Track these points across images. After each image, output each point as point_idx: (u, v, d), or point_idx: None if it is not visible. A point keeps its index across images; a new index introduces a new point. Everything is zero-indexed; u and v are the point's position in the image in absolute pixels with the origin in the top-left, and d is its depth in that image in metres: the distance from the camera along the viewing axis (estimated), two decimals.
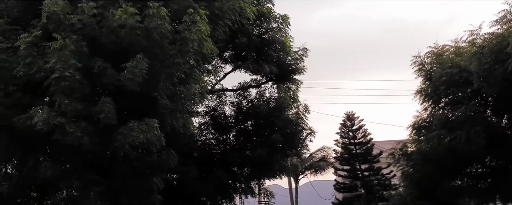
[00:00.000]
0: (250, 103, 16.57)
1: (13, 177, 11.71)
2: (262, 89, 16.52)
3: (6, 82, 9.66)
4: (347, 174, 25.54)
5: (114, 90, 9.88)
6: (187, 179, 14.92)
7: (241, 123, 16.48)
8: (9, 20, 9.96)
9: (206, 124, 16.62)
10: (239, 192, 17.64)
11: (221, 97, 16.81)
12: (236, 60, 15.47)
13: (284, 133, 15.40)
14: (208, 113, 16.65)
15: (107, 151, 11.77)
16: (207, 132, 16.68)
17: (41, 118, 8.92)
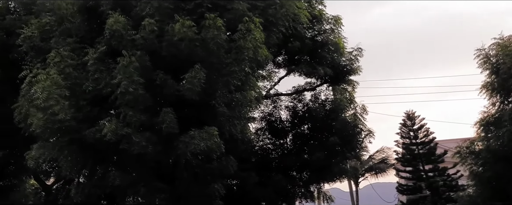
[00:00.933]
0: (306, 106, 16.49)
1: (85, 186, 12.40)
2: (317, 92, 16.41)
3: (77, 97, 10.26)
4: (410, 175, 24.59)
5: (175, 100, 10.23)
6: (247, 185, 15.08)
7: (297, 126, 16.44)
8: (78, 39, 10.59)
9: (263, 129, 16.74)
10: (298, 197, 17.56)
11: (276, 102, 16.88)
12: (289, 64, 15.48)
13: (342, 135, 15.17)
14: (264, 118, 16.77)
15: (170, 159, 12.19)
16: (264, 137, 16.79)
17: (109, 129, 9.38)
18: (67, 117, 9.76)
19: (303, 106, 16.65)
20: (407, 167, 24.71)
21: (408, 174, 24.63)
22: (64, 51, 10.40)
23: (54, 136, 10.67)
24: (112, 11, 10.20)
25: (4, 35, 12.98)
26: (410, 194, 24.66)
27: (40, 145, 11.06)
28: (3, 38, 12.96)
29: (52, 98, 9.91)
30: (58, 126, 9.99)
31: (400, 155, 25.25)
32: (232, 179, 15.37)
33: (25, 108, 10.77)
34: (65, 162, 11.12)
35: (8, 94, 13.78)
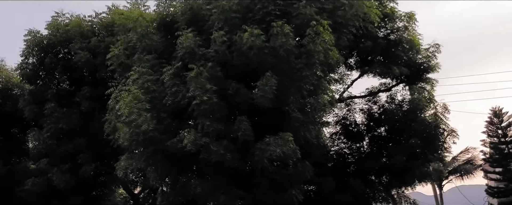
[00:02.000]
0: (382, 108, 15.93)
1: (170, 194, 12.98)
2: (393, 92, 15.77)
3: (158, 110, 10.82)
4: (500, 176, 22.75)
5: (249, 108, 10.41)
6: (324, 190, 14.87)
7: (374, 129, 15.92)
8: (156, 55, 11.20)
9: (338, 133, 16.43)
10: (378, 202, 16.95)
11: (350, 105, 16.49)
12: (362, 65, 15.06)
13: (422, 136, 14.42)
14: (338, 122, 16.46)
15: (247, 166, 12.40)
16: (339, 141, 16.47)
17: (189, 139, 9.77)
18: (150, 128, 10.30)
19: (378, 107, 16.10)
20: (496, 168, 22.93)
21: (498, 175, 22.83)
22: (143, 68, 11.05)
23: (139, 148, 11.30)
24: (186, 26, 10.67)
25: (90, 56, 14.10)
26: (501, 196, 22.83)
27: (127, 156, 11.83)
28: (90, 58, 14.08)
29: (134, 112, 10.54)
30: (142, 138, 10.57)
31: (487, 155, 23.50)
32: (309, 185, 15.24)
33: (112, 122, 11.55)
34: (150, 171, 11.76)
35: (97, 110, 14.98)
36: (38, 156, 16.02)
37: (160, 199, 13.59)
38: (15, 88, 17.52)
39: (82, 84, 14.89)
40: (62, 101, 15.11)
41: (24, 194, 16.30)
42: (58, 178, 15.11)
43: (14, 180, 16.70)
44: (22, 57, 15.01)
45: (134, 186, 17.72)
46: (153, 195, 17.60)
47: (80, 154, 15.13)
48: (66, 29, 14.73)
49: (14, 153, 17.42)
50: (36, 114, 15.27)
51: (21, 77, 15.50)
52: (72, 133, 15.06)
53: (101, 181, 18.69)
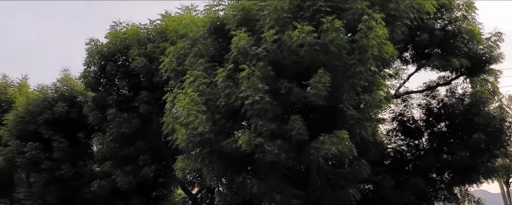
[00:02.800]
0: (441, 102, 15.22)
1: (227, 194, 13.21)
2: (453, 86, 15.01)
3: (212, 112, 11.05)
4: None
5: (302, 107, 10.36)
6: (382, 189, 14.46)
7: (433, 125, 15.25)
8: (208, 58, 11.45)
9: (395, 130, 15.90)
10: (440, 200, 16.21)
11: (407, 100, 15.89)
12: (418, 59, 14.44)
13: (486, 131, 13.63)
14: (395, 119, 15.92)
15: (302, 165, 12.34)
16: (397, 138, 15.93)
17: (243, 140, 9.88)
18: (206, 130, 10.53)
19: (437, 102, 15.39)
20: None
21: None
22: (197, 71, 11.32)
23: (196, 149, 11.58)
24: (237, 28, 10.81)
25: (147, 62, 14.67)
26: None
27: (184, 157, 12.18)
28: (147, 64, 14.65)
29: (191, 114, 10.82)
30: (199, 139, 10.83)
31: None
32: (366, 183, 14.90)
33: (170, 125, 11.93)
34: (207, 172, 12.03)
35: (155, 113, 15.57)
36: (102, 159, 16.91)
37: (218, 199, 13.86)
38: (79, 95, 18.64)
39: (140, 89, 15.53)
40: (123, 106, 15.84)
41: (91, 195, 17.28)
42: (122, 180, 15.86)
43: (81, 182, 17.75)
44: (84, 66, 15.94)
45: (192, 186, 18.20)
46: (210, 195, 17.99)
47: (140, 156, 15.79)
48: (123, 37, 15.44)
49: (81, 156, 18.49)
50: (99, 119, 16.12)
51: (84, 85, 16.44)
52: (133, 136, 15.75)
53: (161, 182, 19.43)
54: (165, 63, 12.55)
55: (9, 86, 20.94)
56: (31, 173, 18.23)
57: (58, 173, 17.23)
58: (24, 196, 18.09)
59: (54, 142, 17.22)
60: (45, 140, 17.44)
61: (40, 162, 17.18)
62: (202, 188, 17.58)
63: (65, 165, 17.35)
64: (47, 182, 17.79)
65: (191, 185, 18.35)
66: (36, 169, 17.61)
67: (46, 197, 17.85)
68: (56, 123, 17.69)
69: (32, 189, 18.33)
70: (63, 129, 17.88)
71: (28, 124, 17.39)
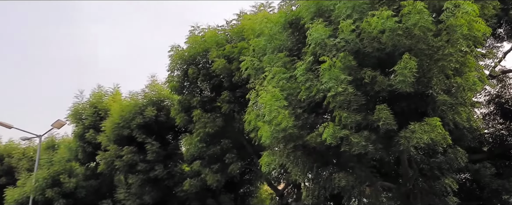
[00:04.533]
0: None
1: (314, 189, 13.13)
2: None
3: (294, 107, 11.01)
4: None
5: (388, 95, 9.93)
6: (482, 177, 13.48)
7: None
8: (286, 53, 11.43)
9: (492, 113, 14.71)
10: None
11: (504, 81, 14.61)
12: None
13: None
14: (491, 101, 14.74)
15: (391, 156, 11.87)
16: (495, 122, 14.72)
17: (328, 133, 9.71)
18: (289, 125, 10.53)
19: None
20: None
21: None
22: (276, 67, 11.35)
23: (280, 144, 11.64)
24: (312, 21, 10.66)
25: (226, 63, 15.05)
26: None
27: (269, 152, 12.30)
28: (226, 65, 15.03)
29: (273, 110, 10.88)
30: (282, 135, 10.86)
31: None
32: (463, 172, 13.98)
33: (253, 122, 12.12)
34: (292, 167, 12.04)
35: (237, 112, 15.95)
36: (191, 159, 17.68)
37: (305, 194, 13.83)
38: (166, 99, 19.68)
39: (221, 89, 15.98)
40: (206, 107, 16.43)
41: (183, 193, 18.15)
42: (211, 178, 16.46)
43: (173, 181, 18.71)
44: (168, 71, 16.76)
45: (278, 182, 18.36)
46: (296, 191, 18.01)
47: (226, 154, 16.26)
48: (202, 40, 16.00)
49: (171, 157, 19.48)
50: (185, 121, 16.88)
51: (170, 89, 17.29)
52: (218, 135, 16.27)
53: (247, 179, 19.88)
54: (245, 62, 12.78)
55: (103, 95, 22.74)
56: (128, 175, 19.63)
57: (152, 173, 18.33)
58: (124, 197, 19.47)
59: (147, 145, 18.36)
60: (139, 143, 18.65)
61: (136, 164, 18.40)
62: (288, 184, 17.64)
63: (158, 166, 18.40)
64: (143, 183, 19.03)
65: (276, 181, 18.50)
66: (132, 171, 18.90)
67: (143, 197, 19.07)
68: (147, 127, 18.84)
69: (130, 189, 19.71)
70: (154, 132, 19.00)
71: (123, 129, 18.71)
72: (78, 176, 21.78)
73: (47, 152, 24.44)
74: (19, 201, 21.74)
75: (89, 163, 22.25)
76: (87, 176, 22.08)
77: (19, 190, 21.86)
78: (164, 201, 19.58)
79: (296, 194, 17.60)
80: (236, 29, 15.96)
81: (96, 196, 21.85)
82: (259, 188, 20.91)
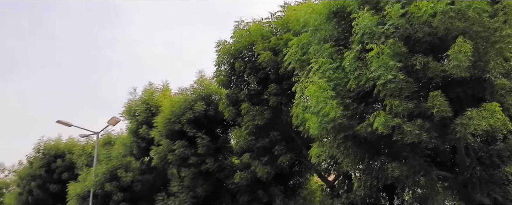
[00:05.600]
0: None
1: (366, 180, 12.94)
2: None
3: (342, 97, 10.88)
4: None
5: (441, 81, 9.59)
6: None
7: None
8: (333, 43, 11.29)
9: None
10: None
11: None
12: None
13: None
14: None
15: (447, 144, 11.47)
16: None
17: (379, 122, 9.52)
18: (338, 115, 10.42)
19: None
20: None
21: None
22: (322, 58, 11.24)
23: (329, 135, 11.56)
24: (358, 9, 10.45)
25: (272, 55, 15.08)
26: None
27: (318, 144, 12.25)
28: (272, 57, 15.06)
29: (321, 101, 10.80)
30: (331, 126, 10.77)
31: None
32: None
33: (300, 114, 12.11)
34: (343, 158, 11.92)
35: (284, 104, 15.97)
36: (241, 152, 17.93)
37: (357, 185, 13.67)
38: (214, 94, 20.05)
39: (268, 82, 16.04)
40: (254, 100, 16.57)
41: (234, 186, 18.47)
42: (261, 170, 16.63)
43: (224, 174, 19.08)
44: (215, 66, 17.04)
45: (328, 173, 18.24)
46: (347, 181, 17.82)
47: (275, 146, 16.34)
48: (247, 34, 16.11)
49: (221, 150, 19.85)
50: (234, 114, 17.11)
51: (218, 83, 17.57)
52: (266, 127, 16.37)
53: (297, 171, 19.88)
54: (289, 55, 12.74)
55: (154, 92, 23.51)
56: (181, 168, 20.21)
57: (204, 167, 18.78)
58: (178, 189, 20.10)
59: (197, 139, 18.81)
60: (190, 137, 19.14)
61: (187, 157, 18.91)
62: (339, 175, 17.49)
63: (209, 159, 18.82)
64: (195, 176, 19.54)
65: (326, 172, 18.39)
66: (185, 164, 19.45)
67: (196, 189, 19.60)
68: (197, 121, 19.29)
69: (183, 182, 20.31)
70: (204, 126, 19.42)
71: (174, 124, 19.26)
72: (134, 170, 22.74)
73: (104, 148, 25.71)
74: (81, 195, 23.05)
75: (143, 158, 23.13)
76: (142, 170, 22.98)
77: (80, 185, 23.17)
78: (216, 193, 20.03)
79: (347, 185, 17.41)
80: (281, 21, 15.92)
81: (151, 190, 22.73)
82: (309, 179, 20.86)
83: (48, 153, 28.27)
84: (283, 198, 18.42)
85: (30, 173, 27.83)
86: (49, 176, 27.58)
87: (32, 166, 28.08)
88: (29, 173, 27.92)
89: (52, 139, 29.31)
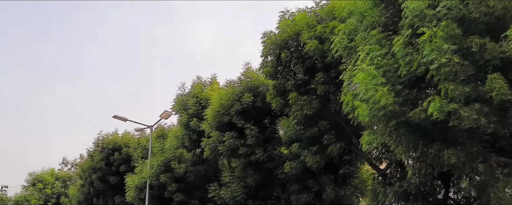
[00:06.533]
0: None
1: (421, 167, 12.59)
2: None
3: (393, 83, 10.63)
4: None
5: (500, 63, 9.12)
6: None
7: None
8: (381, 29, 11.02)
9: None
10: None
11: None
12: None
13: None
14: None
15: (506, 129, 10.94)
16: None
17: (434, 108, 9.24)
18: (389, 102, 10.21)
19: None
20: None
21: None
22: (370, 45, 11.01)
23: (380, 123, 11.34)
24: None
25: (318, 44, 14.94)
26: None
27: (369, 131, 12.06)
28: (318, 46, 14.92)
29: (370, 88, 10.62)
30: (382, 113, 10.57)
31: None
32: None
33: (350, 102, 11.96)
34: (395, 145, 11.67)
35: (332, 93, 15.81)
36: (289, 142, 17.99)
37: (411, 173, 13.33)
38: (261, 85, 20.20)
39: (315, 71, 15.93)
40: (301, 90, 16.52)
41: (284, 175, 18.59)
42: (310, 160, 16.62)
43: (273, 164, 19.24)
44: (262, 57, 17.11)
45: (379, 161, 17.89)
46: (400, 170, 17.39)
47: (324, 136, 16.25)
48: (293, 23, 16.04)
49: (269, 141, 20.02)
50: (281, 105, 17.17)
51: (264, 74, 17.65)
52: (315, 117, 16.30)
53: (346, 160, 19.67)
54: (335, 43, 12.59)
55: (203, 85, 24.04)
56: (231, 159, 20.63)
57: (253, 157, 19.03)
58: (229, 180, 20.52)
59: (246, 130, 19.06)
60: (239, 128, 19.44)
61: (237, 148, 19.23)
62: (391, 163, 17.10)
63: (258, 149, 19.03)
64: (245, 166, 19.87)
65: (378, 160, 18.04)
66: (235, 155, 19.81)
67: (246, 179, 19.93)
68: (245, 113, 19.54)
69: (234, 173, 20.71)
70: (252, 117, 19.65)
71: (223, 116, 19.63)
72: (186, 162, 23.45)
73: (158, 140, 26.66)
74: (138, 186, 24.12)
75: (194, 150, 23.77)
76: (194, 161, 23.65)
77: (137, 176, 24.23)
78: (266, 183, 20.26)
79: (400, 173, 16.99)
80: (326, 9, 15.70)
81: (203, 180, 23.37)
82: (360, 168, 20.57)
83: (106, 146, 29.71)
84: (333, 187, 18.30)
85: (91, 166, 29.39)
86: (108, 168, 29.00)
87: (92, 159, 29.64)
88: (90, 166, 29.50)
89: (109, 133, 30.76)
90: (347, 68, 11.84)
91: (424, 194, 15.16)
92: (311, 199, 18.50)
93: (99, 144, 30.15)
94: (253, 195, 20.29)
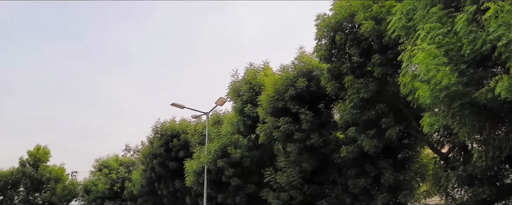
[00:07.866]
0: None
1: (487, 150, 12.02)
2: None
3: (456, 63, 10.15)
4: None
5: None
6: None
7: None
8: (442, 6, 10.51)
9: None
10: None
11: None
12: None
13: None
14: None
15: None
16: None
17: (503, 87, 8.74)
18: (452, 82, 9.78)
19: None
20: None
21: None
22: (430, 23, 10.54)
23: (443, 104, 10.90)
24: None
25: (374, 24, 14.51)
26: None
27: (430, 113, 11.63)
28: (375, 26, 14.49)
29: (431, 69, 10.20)
30: (445, 94, 10.16)
31: None
32: None
33: (409, 84, 11.57)
34: (459, 128, 11.19)
35: (389, 75, 15.36)
36: (346, 126, 17.74)
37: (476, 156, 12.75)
38: (315, 69, 20.00)
39: (371, 52, 15.51)
40: (357, 72, 16.19)
41: (340, 160, 18.44)
42: (367, 144, 16.33)
43: (329, 148, 19.12)
44: (316, 40, 16.90)
45: (441, 145, 17.23)
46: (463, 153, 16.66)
47: (382, 119, 15.87)
48: (348, 4, 15.67)
49: (324, 125, 19.86)
50: (337, 88, 16.93)
51: (318, 58, 17.43)
52: (372, 100, 15.94)
53: (405, 144, 19.11)
54: (393, 23, 12.16)
55: (256, 71, 24.18)
56: (286, 144, 20.72)
57: (309, 142, 18.99)
58: (284, 165, 20.66)
59: (301, 115, 19.01)
60: (293, 114, 19.43)
61: (292, 133, 19.26)
62: (454, 146, 16.42)
63: (313, 134, 18.95)
64: (300, 151, 19.89)
65: (439, 144, 17.38)
66: (290, 140, 19.87)
67: (302, 164, 19.97)
68: (300, 98, 19.47)
69: (289, 158, 20.82)
70: (306, 102, 19.55)
71: (277, 101, 19.69)
72: (242, 147, 23.88)
73: (214, 127, 27.33)
74: (197, 171, 24.96)
75: (250, 135, 24.13)
76: (249, 147, 24.03)
77: (196, 162, 25.05)
78: (322, 167, 20.20)
79: (463, 156, 16.28)
80: None
81: (259, 165, 23.72)
82: (420, 152, 19.90)
83: (165, 133, 30.87)
84: (392, 172, 17.88)
85: (152, 152, 30.71)
86: (167, 154, 30.17)
87: (152, 145, 30.95)
88: (151, 152, 30.83)
89: (166, 121, 31.93)
90: (406, 49, 11.43)
91: (491, 179, 14.44)
92: (368, 183, 18.24)
93: (158, 130, 31.37)
94: (309, 179, 20.32)
